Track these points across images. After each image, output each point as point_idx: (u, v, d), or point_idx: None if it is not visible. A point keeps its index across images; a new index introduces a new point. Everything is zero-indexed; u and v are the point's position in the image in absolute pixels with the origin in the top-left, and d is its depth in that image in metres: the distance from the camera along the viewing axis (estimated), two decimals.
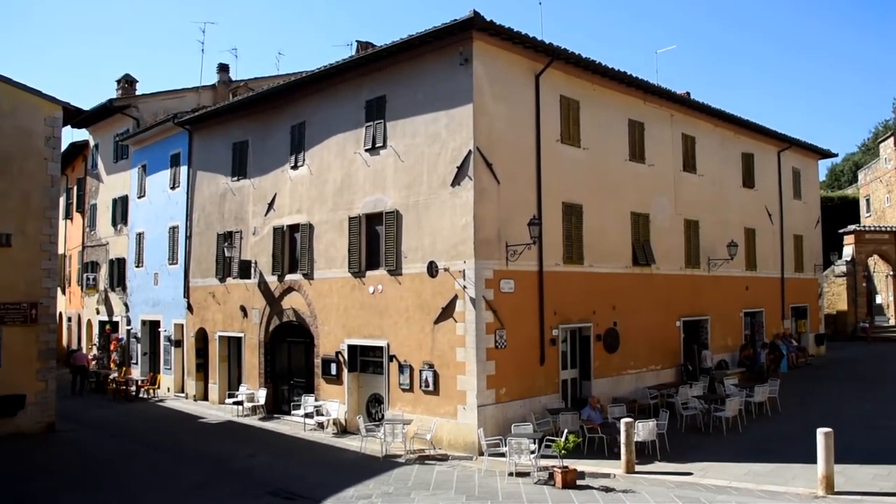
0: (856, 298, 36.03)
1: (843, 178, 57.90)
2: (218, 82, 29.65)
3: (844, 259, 36.43)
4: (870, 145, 53.44)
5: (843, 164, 58.92)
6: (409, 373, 15.96)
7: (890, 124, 49.19)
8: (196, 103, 27.47)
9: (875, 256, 37.83)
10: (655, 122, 20.47)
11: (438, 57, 15.72)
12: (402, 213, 16.43)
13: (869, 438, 14.75)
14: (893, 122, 48.69)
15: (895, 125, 46.05)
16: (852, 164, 56.15)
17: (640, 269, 19.43)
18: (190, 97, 28.44)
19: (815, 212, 30.43)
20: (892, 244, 36.86)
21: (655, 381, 19.63)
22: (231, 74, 29.88)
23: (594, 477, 12.72)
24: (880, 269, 38.73)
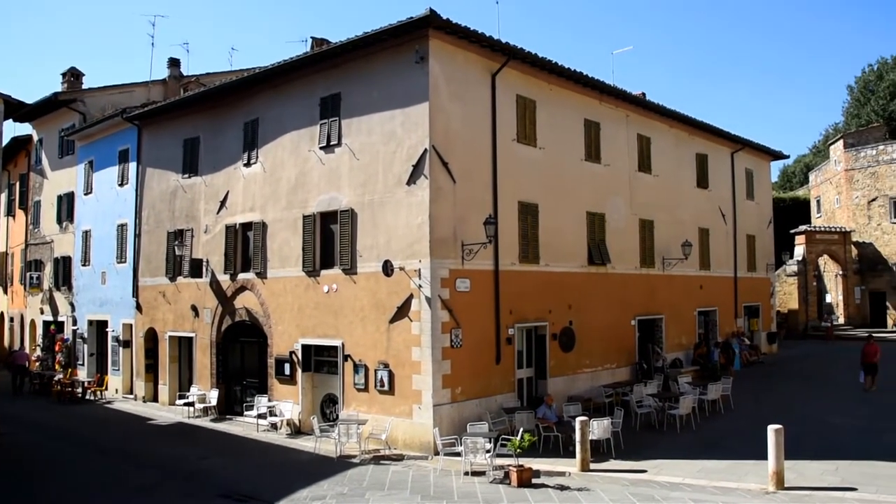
0: (807, 297, 37.24)
1: (794, 180, 59.74)
2: (168, 77, 29.16)
3: (796, 259, 37.62)
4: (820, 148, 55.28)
5: (794, 166, 60.76)
6: (364, 372, 15.99)
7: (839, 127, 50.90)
8: (146, 98, 27.00)
9: (825, 256, 39.14)
10: (611, 123, 20.86)
11: (394, 55, 15.77)
12: (357, 211, 16.44)
13: (818, 435, 15.22)
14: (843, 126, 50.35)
15: (844, 128, 47.62)
16: (803, 165, 57.98)
17: (595, 269, 19.78)
18: (139, 92, 27.92)
19: (768, 212, 31.34)
20: (842, 244, 38.19)
21: (611, 379, 20.00)
22: (182, 69, 29.42)
23: (549, 475, 12.89)
24: (830, 269, 40.12)
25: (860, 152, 38.71)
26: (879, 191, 37.71)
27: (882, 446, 13.92)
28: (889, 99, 46.62)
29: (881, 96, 47.47)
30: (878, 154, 37.98)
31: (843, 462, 12.77)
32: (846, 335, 35.36)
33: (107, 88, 28.05)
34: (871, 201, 38.06)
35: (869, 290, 38.29)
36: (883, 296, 37.76)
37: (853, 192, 38.78)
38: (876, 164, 37.92)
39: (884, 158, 37.62)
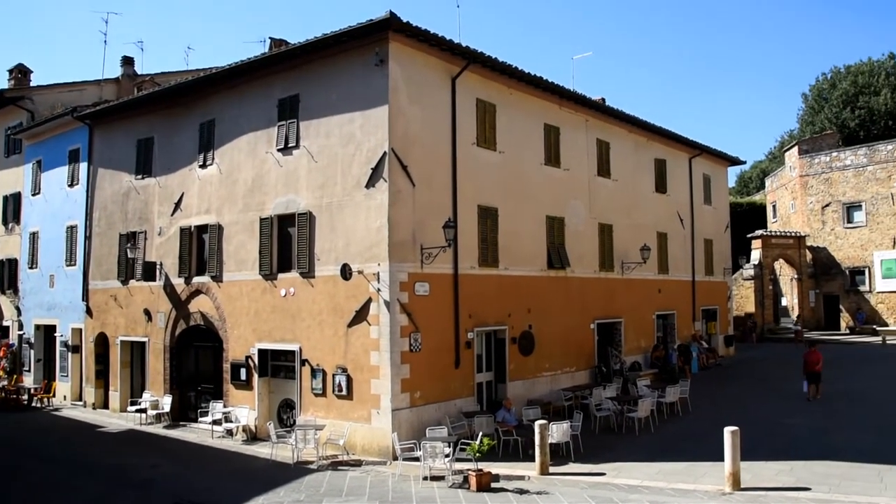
0: (763, 301, 38.24)
1: (751, 185, 61.32)
2: (122, 76, 28.70)
3: (752, 263, 38.61)
4: (776, 154, 56.82)
5: (751, 172, 62.38)
6: (321, 377, 15.98)
7: (795, 134, 52.43)
8: (98, 97, 26.53)
9: (781, 260, 40.26)
10: (571, 127, 21.21)
11: (354, 57, 15.82)
12: (315, 214, 16.43)
13: (773, 436, 15.60)
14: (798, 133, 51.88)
15: (799, 135, 49.10)
16: (760, 171, 59.54)
17: (555, 273, 20.07)
18: (91, 90, 27.41)
19: (725, 217, 32.13)
20: (797, 249, 39.33)
21: (570, 382, 20.28)
22: (136, 68, 29.00)
23: (509, 479, 13.00)
24: (786, 273, 41.27)
25: (814, 159, 39.94)
26: (833, 196, 38.93)
27: (835, 446, 14.32)
28: (842, 107, 48.19)
29: (834, 104, 49.03)
30: (831, 161, 39.22)
31: (798, 462, 13.10)
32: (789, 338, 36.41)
33: (56, 86, 27.47)
34: (825, 207, 39.27)
35: (823, 294, 39.50)
36: (836, 299, 38.98)
37: (808, 197, 39.98)
38: (829, 170, 39.17)
39: (837, 165, 38.88)
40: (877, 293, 37.08)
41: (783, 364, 28.13)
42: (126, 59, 28.97)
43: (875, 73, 48.39)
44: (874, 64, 49.52)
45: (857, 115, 47.31)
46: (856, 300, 37.97)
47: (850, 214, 38.45)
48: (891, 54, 50.02)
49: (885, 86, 47.11)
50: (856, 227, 38.01)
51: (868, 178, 37.44)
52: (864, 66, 49.63)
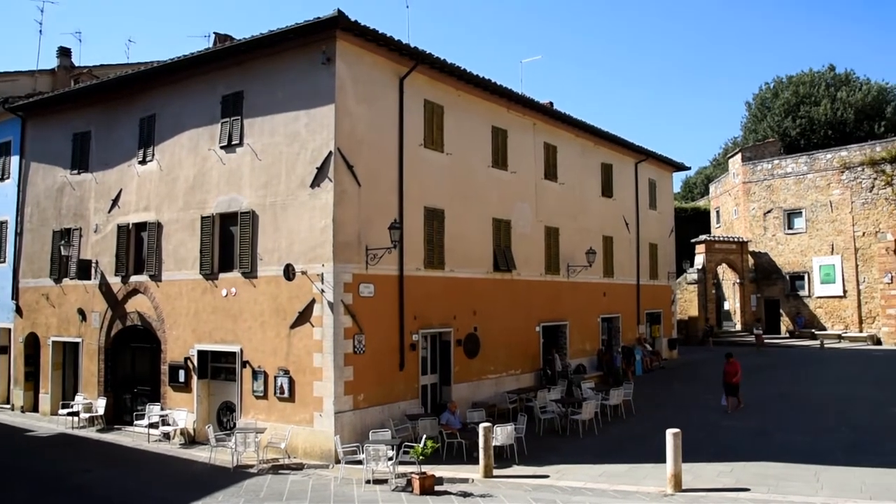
0: (706, 305, 39.39)
1: (696, 191, 63.00)
2: (58, 67, 27.82)
3: (696, 267, 39.73)
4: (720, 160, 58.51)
5: (696, 177, 64.09)
6: (263, 379, 15.90)
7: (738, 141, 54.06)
8: (31, 88, 25.68)
9: (724, 265, 41.52)
10: (518, 130, 21.57)
11: (300, 54, 15.81)
12: (258, 213, 16.35)
13: (715, 437, 16.08)
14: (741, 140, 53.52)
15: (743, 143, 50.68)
16: (704, 177, 61.23)
17: (500, 275, 20.36)
18: (24, 81, 26.48)
19: (670, 222, 33.04)
20: (739, 254, 40.63)
21: (515, 385, 20.59)
22: (74, 59, 28.15)
23: (452, 482, 13.14)
24: (728, 277, 42.58)
25: (757, 166, 41.32)
26: (774, 203, 40.33)
27: (774, 447, 14.83)
28: (784, 116, 49.93)
29: (777, 113, 50.76)
30: (773, 168, 40.64)
31: (738, 463, 13.51)
32: (742, 341, 37.66)
33: None
34: (767, 213, 40.64)
35: (764, 298, 40.88)
36: (777, 303, 40.40)
37: (750, 203, 41.34)
38: (771, 177, 40.57)
39: (778, 172, 40.31)
40: (815, 298, 38.53)
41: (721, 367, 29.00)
42: (63, 50, 28.10)
43: (815, 84, 50.29)
44: (815, 75, 51.46)
45: (798, 124, 49.07)
46: (796, 304, 39.40)
47: (790, 221, 39.86)
48: (830, 66, 52.10)
49: (824, 96, 49.00)
50: (796, 233, 39.42)
51: (808, 185, 38.90)
52: (805, 76, 51.53)
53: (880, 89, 49.52)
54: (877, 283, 35.81)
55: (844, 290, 37.26)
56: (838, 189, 37.52)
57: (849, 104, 48.00)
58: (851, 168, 37.01)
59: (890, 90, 49.89)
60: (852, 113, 47.73)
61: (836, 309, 37.73)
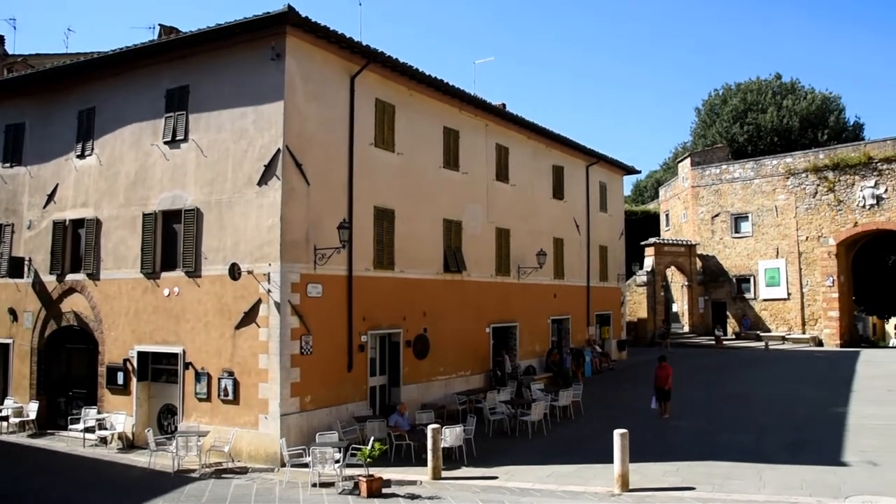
0: (655, 307, 40.30)
1: (646, 194, 64.33)
2: None
3: (645, 270, 40.62)
4: (670, 164, 59.86)
5: (646, 181, 65.46)
6: (206, 381, 15.73)
7: (688, 146, 55.41)
8: None
9: (672, 268, 42.53)
10: (470, 131, 21.77)
11: (249, 50, 15.69)
12: (203, 211, 16.17)
13: (662, 437, 16.50)
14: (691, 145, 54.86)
15: (692, 148, 51.98)
16: (654, 181, 62.57)
17: (451, 276, 20.53)
18: None
19: (620, 224, 33.72)
20: (688, 256, 41.69)
21: (465, 386, 20.78)
22: (8, 48, 27.36)
23: (400, 485, 13.21)
24: (677, 280, 43.64)
25: (705, 171, 42.47)
26: (722, 207, 41.49)
27: (719, 447, 15.29)
28: (732, 122, 51.39)
29: (725, 119, 52.22)
30: (721, 173, 41.82)
31: (684, 463, 13.90)
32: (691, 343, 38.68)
33: None
34: (715, 217, 41.80)
35: (711, 300, 42.04)
36: (724, 305, 41.57)
37: (699, 207, 42.46)
38: (719, 182, 41.75)
39: (726, 177, 41.50)
40: (761, 300, 39.78)
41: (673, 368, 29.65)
42: None
43: (763, 92, 51.91)
44: (762, 83, 53.12)
45: (745, 130, 50.56)
46: (742, 307, 40.61)
47: (737, 225, 41.07)
48: (777, 75, 53.86)
49: (771, 104, 50.62)
50: (743, 237, 40.64)
51: (755, 190, 40.14)
52: (752, 84, 53.15)
53: (824, 98, 51.40)
54: (819, 287, 37.19)
55: (788, 293, 38.57)
56: (783, 194, 38.83)
57: (794, 112, 49.70)
58: (796, 174, 38.35)
59: (833, 100, 51.80)
60: (797, 121, 49.42)
61: (780, 311, 39.03)
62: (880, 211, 35.39)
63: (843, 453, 14.30)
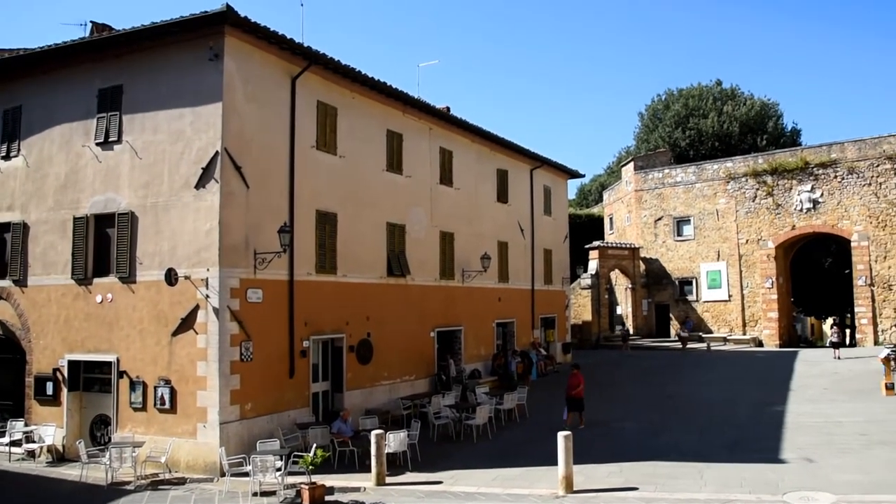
0: (599, 309, 41.19)
1: (590, 198, 65.57)
2: None
3: (589, 273, 41.50)
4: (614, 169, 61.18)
5: (590, 185, 66.73)
6: (142, 390, 15.54)
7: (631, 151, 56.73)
8: None
9: (616, 271, 43.52)
10: (414, 135, 21.99)
11: (186, 49, 15.61)
12: (138, 214, 16.00)
13: (606, 439, 16.92)
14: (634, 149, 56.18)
15: (635, 152, 53.22)
16: (599, 184, 63.83)
17: (394, 280, 20.70)
18: None
19: (564, 228, 34.38)
20: (631, 260, 42.74)
21: (410, 391, 20.95)
22: None
23: (344, 492, 13.30)
24: (621, 283, 44.66)
25: (648, 175, 43.61)
26: (665, 211, 42.66)
27: (662, 447, 15.76)
28: (674, 127, 52.89)
29: (668, 124, 53.71)
30: (664, 177, 43.00)
31: (628, 464, 14.28)
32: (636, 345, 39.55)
33: None
34: (658, 220, 42.95)
35: (655, 303, 43.17)
36: (667, 308, 42.73)
37: (642, 211, 43.57)
38: (662, 186, 42.92)
39: (669, 181, 42.69)
40: (703, 302, 41.02)
41: (616, 370, 30.50)
42: None
43: (704, 98, 53.57)
44: (703, 89, 54.84)
45: (687, 135, 52.10)
46: (684, 309, 41.79)
47: (679, 228, 42.27)
48: (718, 81, 55.69)
49: (712, 109, 52.29)
50: (685, 240, 41.85)
51: (696, 194, 41.40)
52: (694, 90, 54.82)
53: (763, 105, 53.34)
54: (759, 288, 38.59)
55: (729, 295, 39.88)
56: (724, 198, 40.16)
57: (734, 118, 51.44)
58: (736, 178, 39.71)
59: (771, 106, 53.81)
60: (737, 126, 51.17)
61: (721, 313, 40.32)
62: (816, 214, 36.93)
63: (781, 451, 14.87)
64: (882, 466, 13.06)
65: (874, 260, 35.07)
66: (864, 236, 35.33)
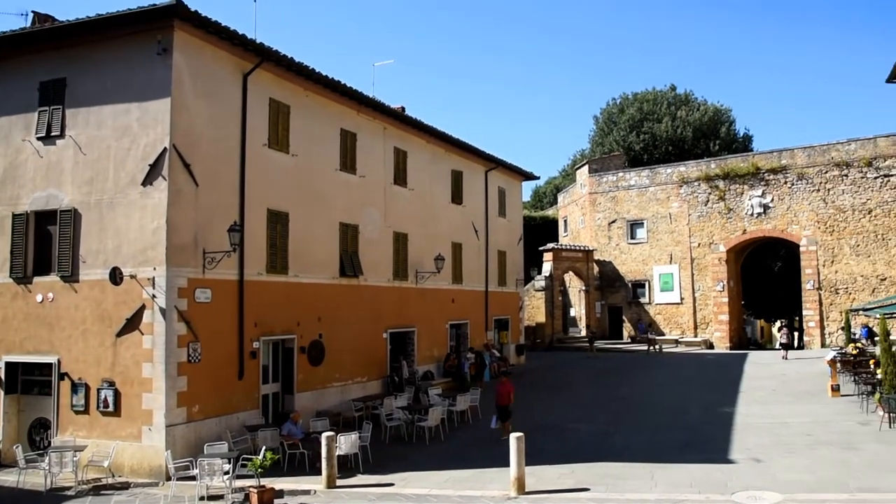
0: (553, 311, 41.71)
1: (545, 200, 66.26)
2: None
3: (543, 275, 42.00)
4: (569, 171, 61.91)
5: (545, 187, 67.41)
6: (84, 392, 15.30)
7: (586, 154, 57.51)
8: None
9: (570, 273, 44.11)
10: (368, 134, 22.03)
11: (134, 43, 15.42)
12: (81, 212, 15.73)
13: (558, 440, 17.16)
14: (589, 152, 56.96)
15: (590, 155, 53.99)
16: (554, 187, 64.52)
17: (347, 281, 20.70)
18: None
19: (518, 229, 34.71)
20: (585, 262, 43.37)
21: (362, 393, 20.96)
22: None
23: (293, 495, 13.29)
24: (574, 285, 45.28)
25: (603, 178, 44.33)
26: (618, 214, 43.41)
27: (614, 448, 16.09)
28: (629, 131, 53.81)
29: (622, 128, 54.62)
30: (618, 180, 43.75)
31: (580, 465, 14.53)
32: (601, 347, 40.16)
33: None
34: (611, 223, 43.68)
35: (608, 305, 43.89)
36: (620, 310, 43.48)
37: (596, 213, 44.26)
38: (616, 189, 43.66)
39: (623, 185, 43.46)
40: (655, 305, 41.85)
41: (571, 371, 30.96)
42: None
43: (658, 102, 54.63)
44: (657, 93, 55.92)
45: (641, 139, 53.06)
46: (637, 311, 42.59)
47: (633, 231, 43.05)
48: (672, 86, 56.84)
49: (666, 114, 53.35)
50: (638, 243, 42.65)
51: (650, 198, 42.23)
52: (649, 94, 55.86)
53: (716, 110, 54.64)
54: (710, 291, 39.54)
55: (681, 298, 40.78)
56: (677, 202, 41.06)
57: (688, 123, 52.58)
58: (689, 183, 40.64)
59: (724, 112, 55.13)
60: (691, 131, 52.30)
61: (673, 315, 41.21)
62: (767, 219, 38.02)
63: (731, 451, 15.27)
64: (827, 466, 13.53)
65: (822, 264, 36.26)
66: (812, 241, 36.51)
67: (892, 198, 34.57)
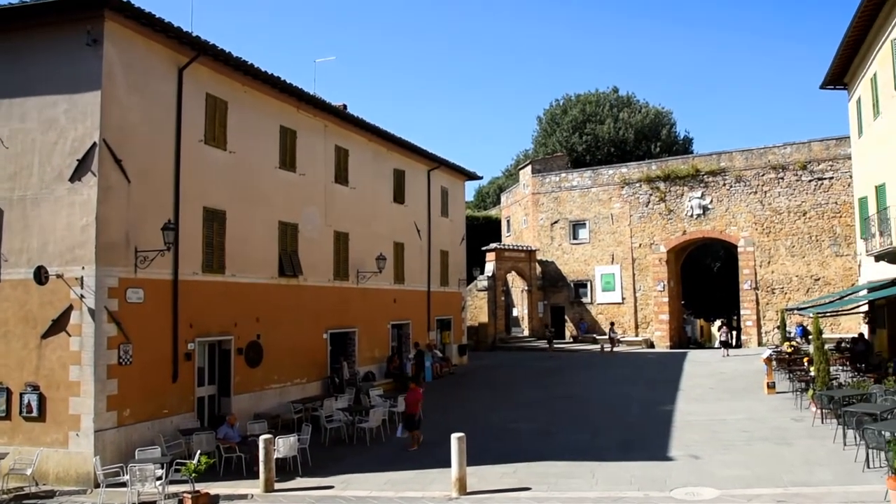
0: (495, 311, 42.05)
1: (488, 200, 66.83)
2: None
3: (486, 274, 42.31)
4: (512, 171, 62.58)
5: (488, 187, 68.01)
6: (5, 397, 14.83)
7: (529, 154, 58.18)
8: None
9: (513, 273, 44.54)
10: (308, 132, 21.88)
11: (61, 33, 15.01)
12: (3, 208, 15.23)
13: (500, 440, 17.28)
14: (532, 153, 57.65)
15: (533, 155, 54.64)
16: (497, 187, 65.17)
17: (286, 281, 20.53)
18: None
19: (461, 229, 34.92)
20: (528, 262, 43.86)
21: (301, 394, 20.81)
22: None
23: (230, 499, 13.17)
24: (517, 285, 45.76)
25: (546, 178, 44.90)
26: (561, 214, 44.03)
27: (556, 447, 16.26)
28: (571, 132, 54.66)
29: (565, 129, 55.44)
30: (560, 181, 44.38)
31: (522, 464, 14.65)
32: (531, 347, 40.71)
33: None
34: (554, 223, 44.27)
35: (551, 305, 44.46)
36: (562, 310, 44.09)
37: (539, 214, 44.81)
38: (559, 189, 44.27)
39: (565, 185, 44.09)
40: (597, 305, 42.56)
41: (512, 370, 31.28)
42: None
43: (601, 104, 55.63)
44: (600, 95, 56.94)
45: (584, 140, 53.95)
46: (579, 311, 43.26)
47: (575, 231, 43.71)
48: (614, 88, 57.98)
49: (608, 116, 54.36)
50: (580, 243, 43.32)
51: (592, 198, 42.94)
52: (591, 96, 56.84)
53: (657, 113, 55.91)
54: (651, 291, 40.44)
55: (623, 298, 41.58)
56: (619, 203, 41.87)
57: (630, 125, 53.68)
58: (630, 184, 41.48)
59: (665, 114, 56.47)
60: (632, 133, 53.41)
61: (615, 315, 41.97)
62: (706, 220, 39.08)
63: (669, 449, 15.61)
64: (762, 461, 13.97)
65: (759, 265, 37.49)
66: (749, 242, 37.71)
67: (826, 200, 35.96)
